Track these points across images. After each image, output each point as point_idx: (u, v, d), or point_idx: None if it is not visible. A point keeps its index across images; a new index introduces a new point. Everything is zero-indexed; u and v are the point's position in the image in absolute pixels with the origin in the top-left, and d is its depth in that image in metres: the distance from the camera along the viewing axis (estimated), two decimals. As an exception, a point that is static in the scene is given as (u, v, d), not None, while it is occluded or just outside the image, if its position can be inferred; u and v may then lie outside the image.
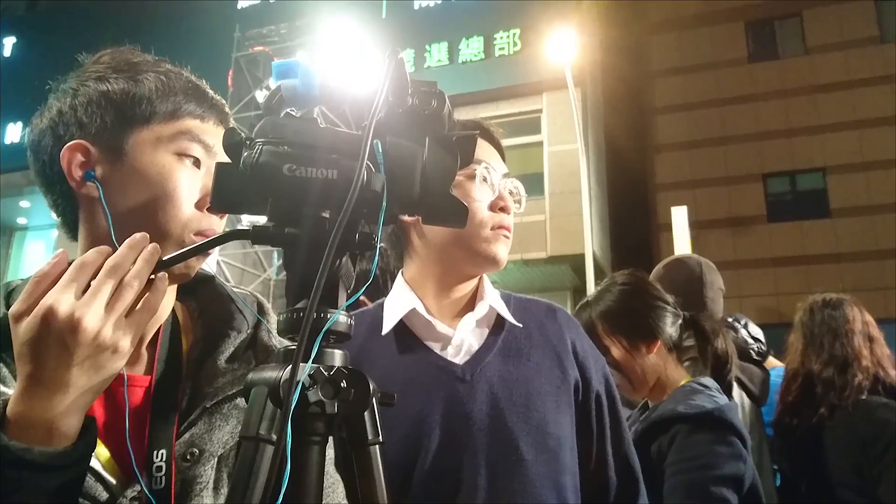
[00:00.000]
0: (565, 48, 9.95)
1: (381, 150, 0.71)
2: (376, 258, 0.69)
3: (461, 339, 1.06)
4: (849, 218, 13.23)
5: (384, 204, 0.69)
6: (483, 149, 1.14)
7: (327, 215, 0.67)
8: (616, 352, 1.64)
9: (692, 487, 1.41)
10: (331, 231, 0.64)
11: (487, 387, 1.02)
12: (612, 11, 14.23)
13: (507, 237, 1.12)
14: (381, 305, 1.13)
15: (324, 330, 0.64)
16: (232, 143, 0.70)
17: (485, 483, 0.96)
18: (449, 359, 1.05)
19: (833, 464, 2.06)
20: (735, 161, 14.02)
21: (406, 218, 1.05)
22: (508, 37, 12.57)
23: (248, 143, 0.68)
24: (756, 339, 2.41)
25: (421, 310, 1.07)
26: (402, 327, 1.07)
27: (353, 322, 0.71)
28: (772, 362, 2.65)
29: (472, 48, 12.76)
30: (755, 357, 2.34)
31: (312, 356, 0.63)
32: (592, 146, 12.86)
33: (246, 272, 12.71)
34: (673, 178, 14.38)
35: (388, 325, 1.06)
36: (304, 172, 0.66)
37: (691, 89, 14.65)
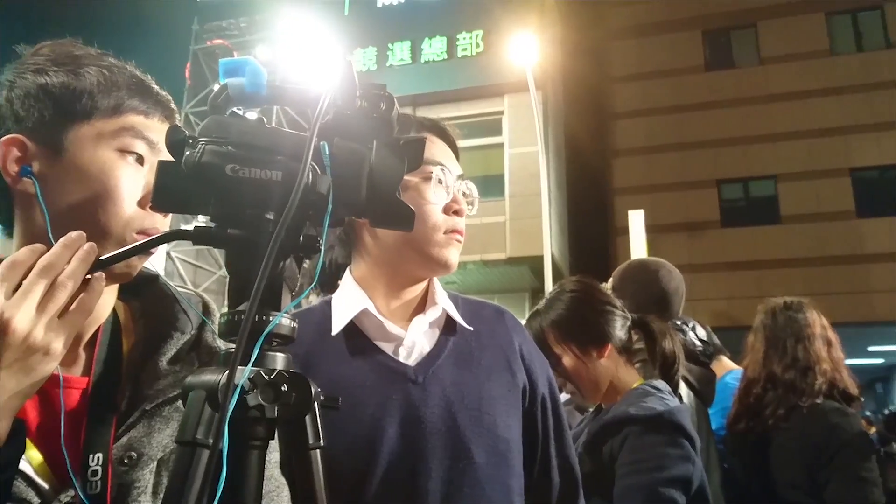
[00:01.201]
0: (527, 51, 10.03)
1: (327, 153, 0.70)
2: (320, 261, 0.68)
3: (413, 341, 1.05)
4: (798, 224, 13.63)
5: (330, 207, 0.68)
6: (439, 149, 1.12)
7: (271, 217, 0.66)
8: (567, 359, 1.65)
9: (642, 488, 1.43)
10: (274, 233, 0.64)
11: (440, 389, 1.01)
12: (574, 16, 14.41)
13: (459, 241, 1.11)
14: (328, 304, 1.11)
15: (265, 333, 0.63)
16: (175, 141, 0.68)
17: (437, 486, 0.96)
18: (401, 360, 1.04)
19: (786, 466, 2.10)
20: (691, 167, 14.32)
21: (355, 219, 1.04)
22: (471, 38, 12.61)
23: (190, 141, 0.66)
24: (703, 342, 2.45)
25: (372, 310, 1.05)
26: (351, 328, 1.05)
27: (296, 325, 0.70)
28: (726, 365, 2.70)
29: (434, 48, 12.77)
30: (701, 359, 2.38)
31: (253, 359, 0.62)
32: (553, 149, 12.99)
33: (200, 269, 12.48)
34: (631, 182, 14.62)
35: (338, 326, 1.04)
36: (248, 173, 0.65)
37: (650, 95, 14.92)
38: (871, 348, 15.69)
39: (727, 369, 2.62)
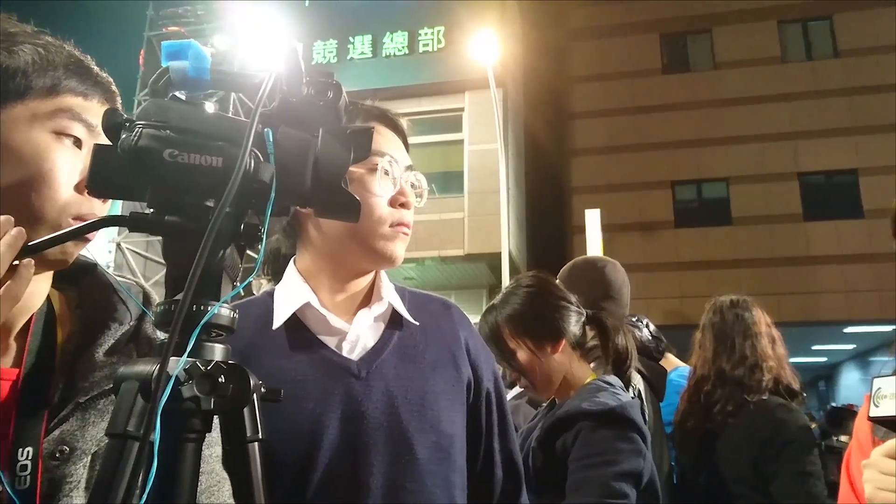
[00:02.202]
0: (488, 48, 10.06)
1: (271, 140, 0.69)
2: (262, 251, 0.67)
3: (357, 335, 1.04)
4: (748, 226, 14.00)
5: (272, 195, 0.67)
6: (386, 140, 1.10)
7: (211, 204, 0.65)
8: (522, 354, 1.65)
9: (594, 482, 1.45)
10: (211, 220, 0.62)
11: (383, 384, 1.00)
12: (535, 15, 14.50)
13: (405, 234, 1.08)
14: (270, 295, 1.08)
15: (202, 323, 0.62)
16: (112, 125, 0.66)
17: (378, 482, 0.95)
18: (344, 355, 1.02)
19: (733, 460, 2.16)
20: (647, 168, 14.56)
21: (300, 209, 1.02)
22: (433, 33, 12.59)
23: (127, 124, 0.64)
24: (656, 338, 2.49)
25: (315, 303, 1.03)
26: (294, 321, 1.03)
27: (236, 316, 0.69)
28: (672, 362, 2.75)
29: (395, 42, 12.71)
30: (654, 354, 2.43)
31: (188, 350, 0.60)
32: (512, 147, 13.06)
33: (150, 261, 12.20)
34: (588, 181, 14.80)
35: (279, 319, 1.02)
36: (187, 159, 0.63)
37: (608, 96, 15.12)
38: (815, 347, 16.24)
39: (673, 366, 2.67)
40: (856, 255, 12.68)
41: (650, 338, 2.45)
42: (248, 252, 0.73)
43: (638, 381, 2.10)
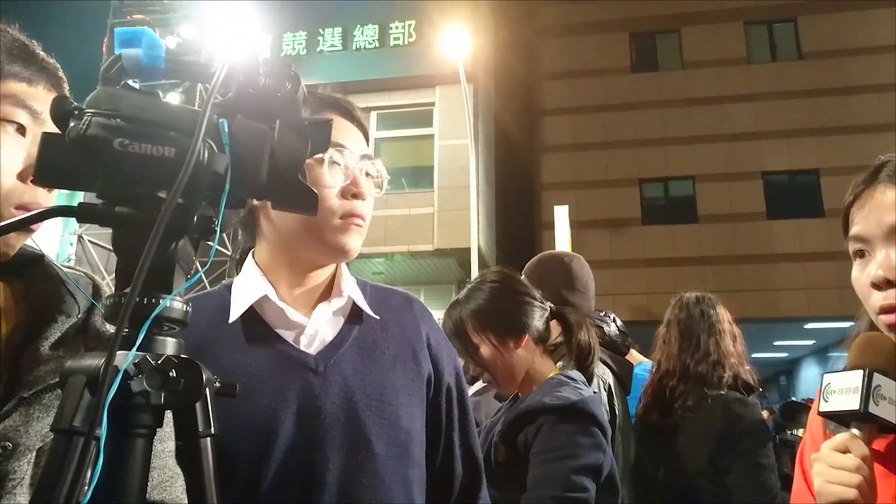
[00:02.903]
0: (459, 43, 10.05)
1: (226, 131, 0.68)
2: (215, 243, 0.66)
3: (315, 329, 1.02)
4: (714, 224, 14.23)
5: (227, 187, 0.66)
6: (339, 129, 1.06)
7: (163, 195, 0.63)
8: (485, 349, 1.66)
9: (555, 476, 1.47)
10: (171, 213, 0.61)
11: (341, 379, 0.99)
12: (506, 11, 14.52)
13: (358, 226, 1.05)
14: (228, 288, 1.06)
15: (152, 316, 0.61)
16: (60, 113, 0.64)
17: (334, 478, 0.94)
18: (301, 349, 1.01)
19: (691, 453, 2.20)
20: (615, 165, 14.71)
21: (255, 201, 1.01)
22: (404, 27, 12.53)
23: (76, 112, 0.63)
24: (622, 333, 2.52)
25: (273, 296, 1.01)
26: (251, 314, 1.01)
27: (190, 309, 0.67)
28: (636, 357, 2.79)
29: (366, 35, 12.62)
30: (621, 349, 2.45)
31: (138, 344, 0.59)
32: (482, 142, 13.08)
33: (114, 254, 11.96)
34: (557, 178, 14.90)
35: (236, 312, 1.00)
36: (138, 148, 0.62)
37: (578, 94, 15.22)
38: (776, 343, 16.61)
39: (637, 361, 2.71)
40: (816, 253, 12.96)
41: (617, 333, 2.47)
42: (220, 249, 0.71)
43: (608, 375, 2.12)
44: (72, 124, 0.62)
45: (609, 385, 2.10)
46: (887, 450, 0.96)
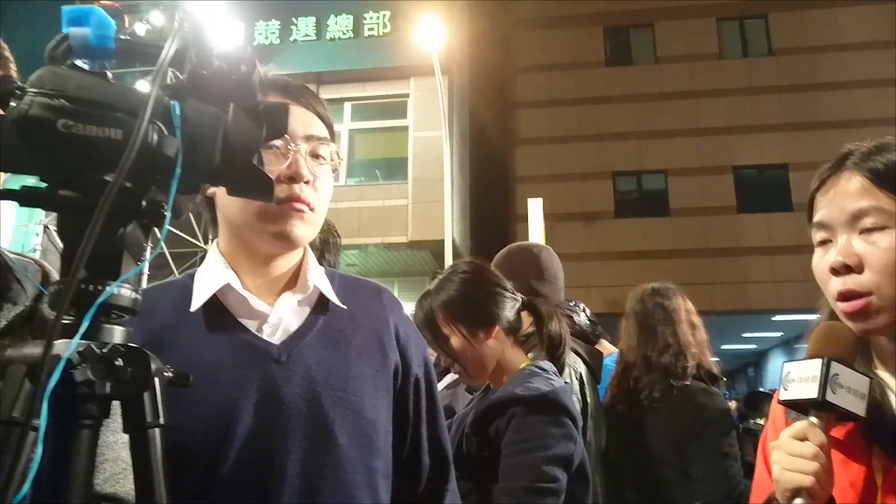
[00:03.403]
0: (434, 34, 10.00)
1: (178, 113, 0.66)
2: (165, 230, 0.64)
3: (279, 318, 1.00)
4: (685, 217, 14.40)
5: (178, 171, 0.64)
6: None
7: (110, 179, 0.61)
8: (455, 340, 1.66)
9: (526, 467, 1.47)
10: (118, 197, 0.59)
11: (304, 369, 0.97)
12: (481, 4, 14.49)
13: (299, 210, 1.00)
14: (191, 277, 1.04)
15: (96, 303, 0.59)
16: (1, 92, 0.62)
17: (296, 469, 0.93)
18: (264, 338, 0.99)
19: (657, 443, 2.23)
20: (589, 159, 14.80)
21: (209, 190, 0.98)
22: (378, 17, 12.43)
23: (17, 92, 0.60)
24: (592, 323, 2.54)
25: (236, 285, 0.99)
26: (214, 303, 0.99)
27: (139, 297, 0.66)
28: (607, 347, 2.81)
29: (340, 25, 12.49)
30: (591, 338, 2.47)
31: (81, 331, 0.57)
32: (457, 134, 13.06)
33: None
34: (532, 170, 14.95)
35: (198, 301, 0.98)
36: (83, 130, 0.60)
37: (552, 87, 15.27)
38: (745, 334, 16.88)
39: (608, 352, 2.73)
40: (785, 246, 13.17)
41: (587, 322, 2.48)
42: (192, 240, 0.69)
43: (580, 364, 2.13)
44: (13, 105, 0.60)
45: (581, 374, 2.11)
46: (846, 438, 0.98)
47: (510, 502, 1.44)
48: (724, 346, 18.64)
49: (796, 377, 0.94)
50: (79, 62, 0.69)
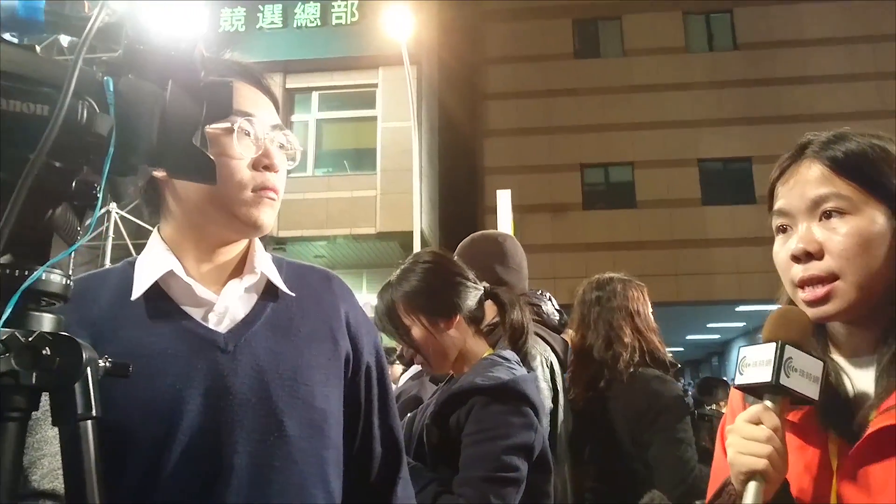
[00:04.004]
0: (402, 24, 9.93)
1: (111, 90, 0.63)
2: (96, 212, 0.61)
3: (225, 306, 0.97)
4: (652, 209, 14.56)
5: (111, 150, 0.61)
6: (246, 97, 1.01)
7: (38, 158, 0.58)
8: (416, 330, 1.64)
9: (486, 456, 1.46)
10: (45, 176, 0.56)
11: (251, 358, 0.95)
12: (451, -7, 14.43)
13: (271, 199, 1.00)
14: (132, 265, 1.01)
15: (21, 289, 0.55)
16: None
17: (244, 461, 0.90)
18: (210, 327, 0.96)
19: (612, 431, 2.24)
20: (557, 150, 14.87)
21: (157, 172, 0.95)
22: (346, 6, 12.30)
23: (-63, 66, 0.57)
24: (559, 311, 2.54)
25: (179, 272, 0.96)
26: (156, 291, 0.96)
27: (71, 283, 0.62)
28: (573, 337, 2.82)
29: (307, 13, 12.33)
30: (558, 328, 2.47)
31: (4, 318, 0.54)
32: (426, 125, 13.01)
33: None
34: (500, 162, 14.97)
35: (139, 289, 0.95)
36: (7, 105, 0.57)
37: (521, 78, 15.28)
38: (709, 325, 17.18)
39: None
40: (748, 238, 13.39)
41: (554, 311, 2.49)
42: (146, 226, 0.66)
43: (550, 353, 2.13)
44: (-70, 78, 0.56)
45: (551, 363, 2.11)
46: (802, 421, 0.98)
47: (470, 492, 1.43)
48: (689, 337, 18.96)
49: (752, 361, 0.95)
50: (7, 35, 0.66)
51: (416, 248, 9.79)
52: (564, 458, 2.11)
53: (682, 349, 20.89)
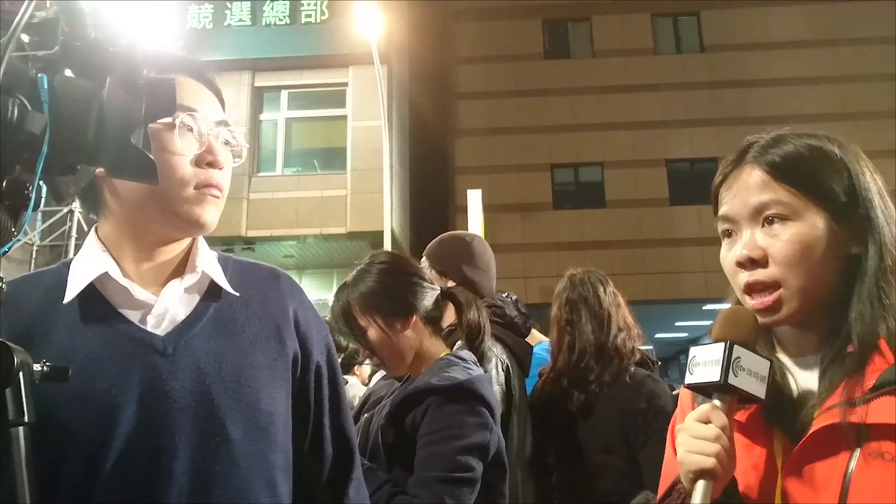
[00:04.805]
0: (372, 23, 9.89)
1: (45, 86, 0.61)
2: (29, 212, 0.59)
3: (164, 308, 0.95)
4: (621, 209, 14.72)
5: (44, 149, 0.59)
6: (190, 92, 0.98)
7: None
8: (372, 331, 1.63)
9: (441, 457, 1.46)
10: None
11: (192, 361, 0.92)
12: (421, -8, 14.41)
13: (215, 197, 0.98)
14: (67, 266, 0.97)
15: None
16: None
17: (184, 467, 0.88)
18: (148, 329, 0.93)
19: (602, 431, 2.23)
20: (528, 150, 14.95)
21: (98, 170, 0.92)
22: (315, 4, 12.21)
23: None
24: (523, 314, 2.54)
25: (115, 273, 0.93)
26: (91, 293, 0.93)
27: (3, 286, 0.61)
28: (537, 337, 2.82)
29: (276, 11, 12.20)
30: (521, 331, 2.47)
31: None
32: (397, 124, 12.97)
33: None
34: (471, 162, 15.00)
35: (72, 291, 0.92)
36: (-67, 103, 0.55)
37: (491, 78, 15.34)
38: (677, 323, 17.40)
39: (538, 340, 2.74)
40: (714, 238, 13.28)
41: (517, 314, 2.49)
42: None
43: (507, 356, 2.13)
44: None
45: (507, 366, 2.10)
46: (749, 421, 0.99)
47: (425, 493, 1.42)
48: (657, 335, 19.19)
49: (701, 361, 0.96)
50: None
51: (387, 247, 9.76)
52: (518, 464, 2.10)
53: (650, 347, 21.04)
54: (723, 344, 0.93)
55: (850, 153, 0.99)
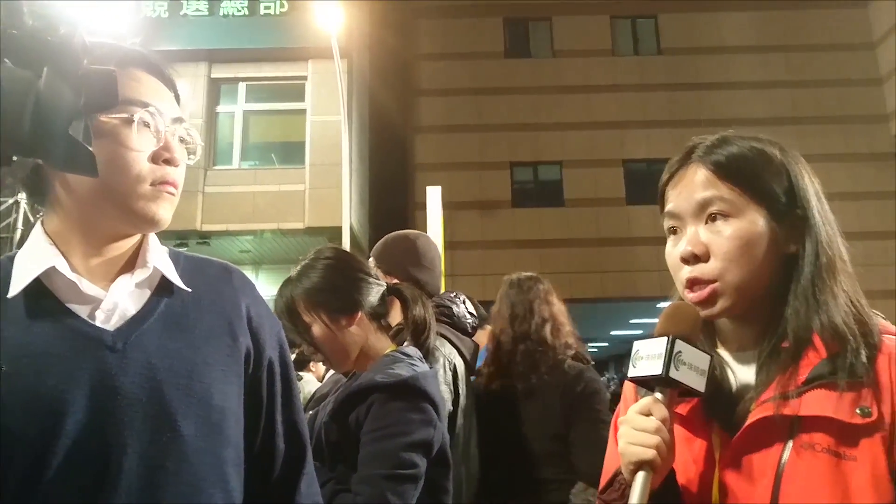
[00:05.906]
0: (332, 16, 9.81)
1: (-22, 76, 0.60)
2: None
3: (114, 303, 0.93)
4: (579, 208, 14.90)
5: (-23, 139, 0.58)
6: (147, 87, 0.97)
7: None
8: (317, 328, 1.62)
9: (384, 454, 1.46)
10: None
11: (143, 356, 0.91)
12: (383, -13, 14.33)
13: (171, 194, 0.97)
14: (11, 260, 0.95)
15: None
16: None
17: (133, 464, 0.87)
18: (97, 325, 0.92)
19: (543, 419, 2.32)
20: (487, 148, 15.01)
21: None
22: (275, -4, 12.05)
23: None
24: (471, 314, 2.57)
25: (63, 268, 0.91)
26: (38, 288, 0.91)
27: None
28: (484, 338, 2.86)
29: (234, 2, 12.00)
30: (469, 331, 2.49)
31: None
32: (356, 120, 12.89)
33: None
34: (431, 158, 15.00)
35: (17, 286, 0.89)
36: None
37: (452, 75, 15.35)
38: (632, 321, 17.72)
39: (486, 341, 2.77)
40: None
41: (466, 313, 2.51)
42: None
43: (455, 355, 2.14)
44: None
45: (454, 365, 2.12)
46: (689, 414, 1.03)
47: (368, 490, 1.42)
48: (613, 332, 19.51)
49: (644, 355, 0.98)
50: None
51: (345, 243, 9.70)
52: (462, 462, 2.13)
53: (606, 344, 21.47)
54: (665, 338, 0.95)
55: (790, 157, 1.03)
